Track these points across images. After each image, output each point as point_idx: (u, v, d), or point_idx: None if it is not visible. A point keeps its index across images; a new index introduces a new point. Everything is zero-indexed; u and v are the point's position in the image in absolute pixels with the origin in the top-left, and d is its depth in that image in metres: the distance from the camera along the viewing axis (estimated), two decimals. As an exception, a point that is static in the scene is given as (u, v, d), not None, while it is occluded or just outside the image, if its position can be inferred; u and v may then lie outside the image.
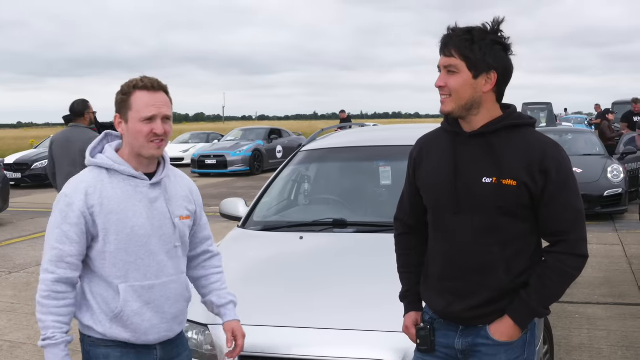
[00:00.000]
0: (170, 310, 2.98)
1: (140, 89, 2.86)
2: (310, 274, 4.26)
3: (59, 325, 2.81)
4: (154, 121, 2.84)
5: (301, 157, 6.18)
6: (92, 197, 2.82)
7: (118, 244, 2.84)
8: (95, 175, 2.88)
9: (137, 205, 2.87)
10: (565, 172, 2.63)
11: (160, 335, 2.97)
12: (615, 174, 12.98)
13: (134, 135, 2.85)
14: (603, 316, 6.97)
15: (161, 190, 2.97)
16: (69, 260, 2.82)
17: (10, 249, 11.55)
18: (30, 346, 6.50)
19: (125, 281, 2.86)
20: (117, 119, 2.91)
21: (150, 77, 2.91)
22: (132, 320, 2.88)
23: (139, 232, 2.86)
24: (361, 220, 5.14)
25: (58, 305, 2.81)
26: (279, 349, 3.52)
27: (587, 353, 5.93)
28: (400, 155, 5.35)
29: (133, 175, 2.89)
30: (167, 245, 2.96)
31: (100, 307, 2.89)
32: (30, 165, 22.17)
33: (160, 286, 2.94)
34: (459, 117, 2.70)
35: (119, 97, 2.89)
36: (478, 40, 2.61)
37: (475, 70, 2.61)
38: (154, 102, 2.86)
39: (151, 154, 2.88)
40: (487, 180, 2.63)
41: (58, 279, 2.81)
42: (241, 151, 25.24)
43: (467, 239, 2.70)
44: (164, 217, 2.95)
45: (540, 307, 2.68)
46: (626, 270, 8.86)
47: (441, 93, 2.69)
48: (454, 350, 2.83)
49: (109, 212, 2.82)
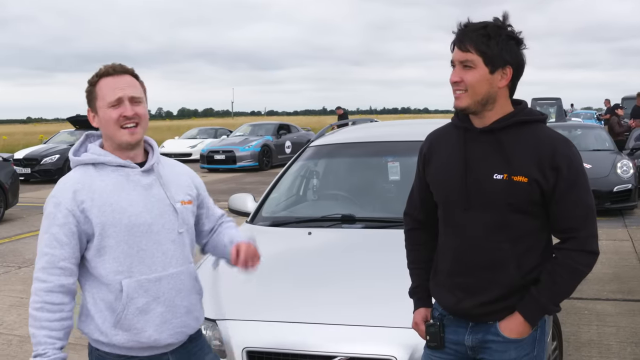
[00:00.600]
0: (182, 303, 2.84)
1: (103, 76, 2.77)
2: (319, 270, 4.26)
3: (52, 340, 2.63)
4: (122, 104, 2.73)
5: (310, 152, 6.17)
6: (80, 192, 2.69)
7: (117, 237, 2.69)
8: (82, 173, 2.77)
9: (131, 194, 2.75)
10: (576, 168, 2.62)
11: (174, 331, 2.81)
12: (625, 170, 12.94)
13: (106, 124, 2.75)
14: (612, 312, 6.95)
15: (155, 176, 2.85)
16: (62, 265, 2.66)
17: (20, 243, 11.59)
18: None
19: (129, 276, 2.71)
20: (89, 113, 2.82)
21: (113, 63, 2.81)
22: (138, 319, 2.72)
23: (138, 222, 2.73)
24: (370, 215, 5.14)
25: (51, 319, 2.63)
26: (287, 344, 3.52)
27: (596, 349, 5.91)
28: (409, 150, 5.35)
29: (121, 164, 2.77)
30: (171, 232, 2.82)
31: (102, 314, 2.73)
32: (39, 160, 22.26)
33: (168, 278, 2.79)
34: (473, 112, 2.68)
35: (87, 90, 2.80)
36: (494, 36, 2.59)
37: (492, 66, 2.60)
38: (119, 85, 2.75)
39: (125, 140, 2.76)
40: (498, 177, 2.62)
41: (51, 288, 2.64)
42: (250, 146, 25.25)
43: (478, 235, 2.70)
44: (163, 203, 2.82)
45: (551, 304, 2.67)
46: (635, 266, 8.82)
47: (456, 88, 2.66)
48: (464, 346, 2.82)
49: (102, 204, 2.69)
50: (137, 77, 2.85)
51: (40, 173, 22.20)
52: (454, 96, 2.69)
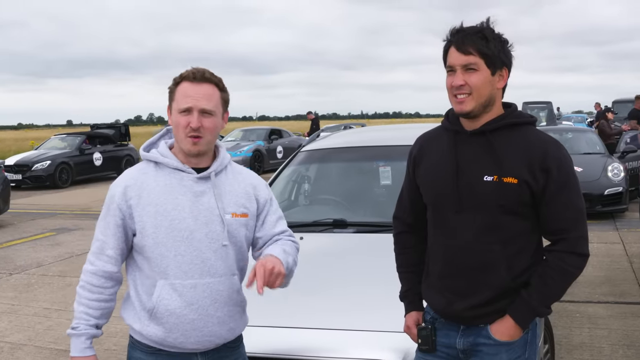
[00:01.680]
0: (216, 313, 2.82)
1: (185, 80, 2.79)
2: (311, 275, 4.25)
3: (86, 317, 2.79)
4: (190, 113, 2.75)
5: (301, 157, 6.17)
6: (130, 189, 2.78)
7: (156, 238, 2.74)
8: (142, 168, 2.87)
9: (179, 199, 2.77)
10: (566, 170, 2.63)
11: (202, 339, 2.81)
12: (616, 173, 12.99)
13: (175, 128, 2.82)
14: (604, 315, 6.97)
15: (210, 185, 2.84)
16: (108, 252, 2.80)
17: (11, 250, 11.55)
18: (31, 347, 6.50)
19: (165, 278, 2.75)
20: (168, 110, 2.86)
21: (200, 68, 2.83)
22: (167, 319, 2.76)
23: (179, 226, 2.74)
24: (361, 220, 5.14)
25: (90, 298, 2.80)
26: (280, 350, 3.51)
27: (588, 352, 5.93)
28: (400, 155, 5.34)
29: (178, 168, 2.81)
30: (214, 243, 2.80)
31: (141, 303, 2.81)
32: (30, 166, 22.21)
33: (204, 286, 2.79)
34: (475, 115, 2.69)
35: (170, 87, 2.85)
36: (491, 38, 2.63)
37: (493, 67, 2.63)
38: (193, 93, 2.76)
39: (187, 148, 2.79)
40: (489, 179, 2.63)
41: (96, 271, 2.80)
42: (241, 151, 25.21)
43: (468, 237, 2.70)
44: (211, 212, 2.80)
45: (541, 306, 2.67)
46: (627, 269, 8.85)
47: (459, 92, 2.65)
48: (455, 349, 2.82)
49: (147, 204, 2.75)
50: (220, 87, 2.85)
51: (32, 179, 22.16)
52: (456, 101, 2.67)
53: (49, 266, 10.17)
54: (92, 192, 20.79)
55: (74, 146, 24.02)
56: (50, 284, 8.93)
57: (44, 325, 7.20)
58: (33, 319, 7.47)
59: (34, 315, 7.62)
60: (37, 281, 9.21)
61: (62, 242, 12.10)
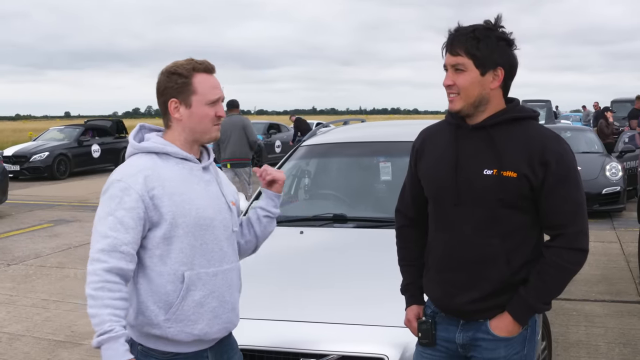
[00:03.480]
0: (230, 299, 2.87)
1: (200, 72, 2.80)
2: (311, 269, 4.28)
3: (117, 318, 2.52)
4: (217, 104, 2.83)
5: (302, 152, 6.19)
6: (151, 178, 2.67)
7: (186, 227, 2.71)
8: (148, 159, 2.76)
9: (195, 188, 2.78)
10: (566, 164, 2.65)
11: (222, 326, 2.84)
12: (614, 172, 13.02)
13: (199, 120, 2.79)
14: (600, 313, 7.00)
15: (213, 174, 2.91)
16: (123, 249, 2.60)
17: (9, 241, 11.56)
18: (30, 338, 6.52)
19: (191, 268, 2.72)
20: (173, 104, 2.77)
21: (202, 60, 2.85)
22: (193, 311, 2.72)
23: (204, 215, 2.76)
24: (361, 215, 5.15)
25: (113, 297, 2.54)
26: (279, 343, 3.53)
27: (585, 350, 5.95)
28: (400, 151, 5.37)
29: (185, 157, 2.80)
30: (226, 230, 2.87)
31: (156, 307, 2.69)
32: (29, 157, 22.19)
33: (223, 274, 2.83)
34: (467, 115, 2.72)
35: (178, 81, 2.77)
36: (483, 38, 2.63)
37: (483, 68, 2.64)
38: (216, 84, 2.84)
39: (215, 136, 2.85)
40: (488, 172, 2.65)
41: (111, 268, 2.56)
42: (239, 146, 25.18)
43: (468, 231, 2.72)
44: (220, 200, 2.87)
45: (540, 302, 2.69)
46: (624, 267, 8.88)
47: (449, 92, 2.71)
48: (455, 344, 2.84)
49: (173, 194, 2.69)
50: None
51: (30, 170, 22.15)
52: (448, 99, 2.73)
53: (47, 257, 10.18)
54: (90, 183, 20.79)
55: (72, 138, 24.01)
56: (49, 275, 8.93)
57: (42, 316, 7.21)
58: (31, 309, 7.48)
59: (32, 306, 7.63)
60: (35, 272, 9.21)
61: (60, 234, 12.10)
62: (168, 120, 2.84)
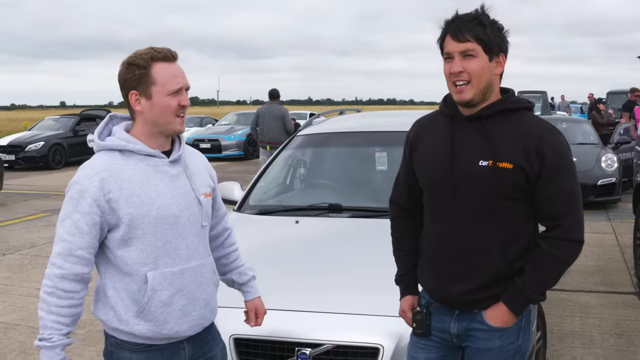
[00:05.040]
0: (201, 296, 2.81)
1: (159, 61, 2.66)
2: (306, 258, 4.28)
3: (59, 326, 2.57)
4: (180, 93, 2.69)
5: (298, 141, 6.18)
6: (108, 181, 2.59)
7: (145, 228, 2.63)
8: (109, 159, 2.66)
9: (159, 185, 2.68)
10: (561, 156, 2.64)
11: (193, 324, 2.79)
12: (609, 163, 13.04)
13: (161, 111, 2.66)
14: (595, 304, 7.01)
15: (182, 167, 2.79)
16: (79, 253, 2.59)
17: (4, 231, 11.54)
18: (25, 327, 6.51)
19: (155, 268, 2.67)
20: (133, 96, 2.66)
21: (161, 48, 2.70)
22: (162, 311, 2.68)
23: (166, 213, 2.67)
24: (356, 205, 5.16)
25: (61, 305, 2.58)
26: (274, 332, 3.53)
27: (579, 340, 5.97)
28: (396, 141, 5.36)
29: (150, 153, 2.69)
30: (195, 225, 2.79)
31: (124, 303, 2.68)
32: (24, 147, 22.16)
33: (191, 270, 2.76)
34: (476, 103, 2.68)
35: (136, 72, 2.65)
36: (488, 24, 2.63)
37: (491, 53, 2.63)
38: (178, 72, 2.69)
39: (177, 129, 2.72)
40: (484, 164, 2.64)
41: (65, 275, 2.58)
42: (235, 135, 25.21)
43: (463, 222, 2.71)
44: (189, 195, 2.77)
45: (535, 293, 2.68)
46: (618, 259, 8.90)
47: (458, 80, 2.65)
48: (449, 334, 2.84)
49: (131, 195, 2.61)
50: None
51: (25, 160, 22.13)
52: (456, 90, 2.67)
53: (43, 247, 10.17)
54: (85, 173, 20.73)
55: (67, 127, 23.95)
56: (44, 265, 8.83)
57: (37, 306, 7.18)
58: (26, 299, 7.48)
59: (27, 295, 7.62)
60: (31, 262, 9.22)
61: (55, 224, 12.01)
62: (132, 113, 2.75)
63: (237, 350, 3.58)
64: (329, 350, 3.47)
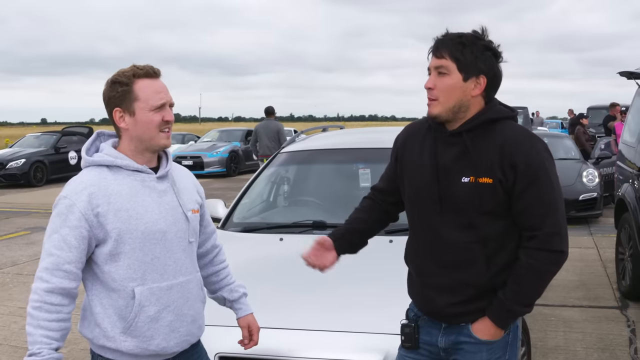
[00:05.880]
0: (188, 312, 2.82)
1: (141, 77, 2.70)
2: (292, 276, 4.26)
3: (48, 340, 2.54)
4: (164, 109, 2.71)
5: (281, 158, 6.18)
6: (96, 196, 2.62)
7: (133, 243, 2.65)
8: (97, 174, 2.69)
9: (146, 200, 2.70)
10: (535, 165, 2.62)
11: (180, 340, 2.80)
12: (590, 179, 13.13)
13: (145, 127, 2.69)
14: (578, 319, 7.04)
15: (169, 183, 2.81)
16: (66, 267, 2.58)
17: (-15, 249, 11.44)
18: (7, 347, 6.47)
19: (142, 283, 2.68)
20: (117, 113, 2.70)
21: (144, 65, 2.75)
22: (148, 327, 2.69)
23: (154, 229, 2.69)
24: (341, 222, 5.11)
25: (49, 319, 2.56)
26: (260, 350, 3.50)
27: (563, 355, 5.99)
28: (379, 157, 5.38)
29: (138, 169, 2.72)
30: (182, 241, 2.80)
31: (111, 320, 2.68)
32: (5, 164, 22.01)
33: (179, 286, 2.78)
34: (445, 120, 2.71)
35: (119, 89, 2.69)
36: (469, 44, 2.64)
37: (466, 73, 2.64)
38: (161, 89, 2.73)
39: (163, 144, 2.74)
40: (465, 180, 2.66)
41: (52, 289, 2.56)
42: (218, 152, 25.18)
43: (448, 237, 2.72)
44: (176, 211, 2.79)
45: (517, 305, 2.69)
46: (601, 273, 8.95)
47: (429, 95, 2.70)
48: (437, 347, 2.85)
49: (119, 210, 2.63)
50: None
51: (6, 177, 21.98)
52: (427, 103, 2.72)
53: (24, 265, 10.09)
54: (67, 191, 20.59)
55: (49, 144, 23.83)
56: (25, 283, 8.85)
57: (19, 325, 7.14)
58: (8, 318, 7.42)
59: (9, 314, 7.56)
60: (12, 280, 9.14)
61: (36, 241, 11.99)
62: (117, 130, 2.77)
63: (222, 368, 3.56)
64: (315, 367, 3.46)
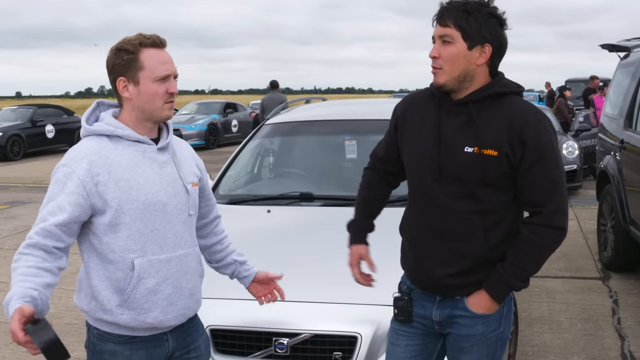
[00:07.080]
0: (187, 285, 2.79)
1: (148, 47, 2.64)
2: (281, 248, 4.25)
3: (25, 282, 2.39)
4: (168, 80, 2.67)
5: (266, 130, 6.14)
6: (96, 164, 2.57)
7: (133, 214, 2.61)
8: (97, 143, 2.63)
9: (147, 171, 2.66)
10: (544, 142, 2.62)
11: (178, 313, 2.76)
12: (570, 151, 13.18)
13: (149, 97, 2.64)
14: (561, 289, 7.10)
15: (170, 154, 2.77)
16: (52, 229, 2.52)
17: (-37, 223, 11.33)
18: (-11, 321, 6.41)
19: (142, 255, 2.64)
20: (121, 82, 2.64)
21: (150, 34, 2.69)
22: (146, 299, 2.65)
23: (154, 200, 2.65)
24: (328, 194, 5.14)
25: (28, 265, 2.45)
26: (251, 322, 3.51)
27: (547, 325, 6.04)
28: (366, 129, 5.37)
29: (138, 139, 2.67)
30: (182, 214, 2.76)
31: (108, 292, 2.64)
32: (-19, 138, 21.76)
33: (177, 259, 2.74)
34: (451, 89, 2.68)
35: (124, 57, 2.62)
36: (474, 12, 2.60)
37: (470, 41, 2.60)
38: (166, 59, 2.68)
39: (165, 115, 2.70)
40: (469, 150, 2.63)
41: (34, 244, 2.49)
42: (196, 125, 25.04)
43: (447, 206, 2.71)
44: (176, 183, 2.74)
45: (516, 280, 2.69)
46: (582, 245, 9.02)
47: (434, 64, 2.67)
48: (431, 321, 2.84)
49: (119, 179, 2.58)
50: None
51: (-17, 150, 21.73)
52: (432, 72, 2.69)
53: (4, 239, 10.02)
54: (44, 164, 20.43)
55: (25, 118, 23.56)
56: (6, 258, 8.77)
57: (1, 299, 7.06)
58: (-10, 294, 7.35)
59: (-10, 290, 7.49)
60: (-7, 257, 9.06)
61: (16, 215, 11.91)
62: (119, 99, 2.73)
63: (213, 341, 3.55)
64: (307, 339, 3.45)
